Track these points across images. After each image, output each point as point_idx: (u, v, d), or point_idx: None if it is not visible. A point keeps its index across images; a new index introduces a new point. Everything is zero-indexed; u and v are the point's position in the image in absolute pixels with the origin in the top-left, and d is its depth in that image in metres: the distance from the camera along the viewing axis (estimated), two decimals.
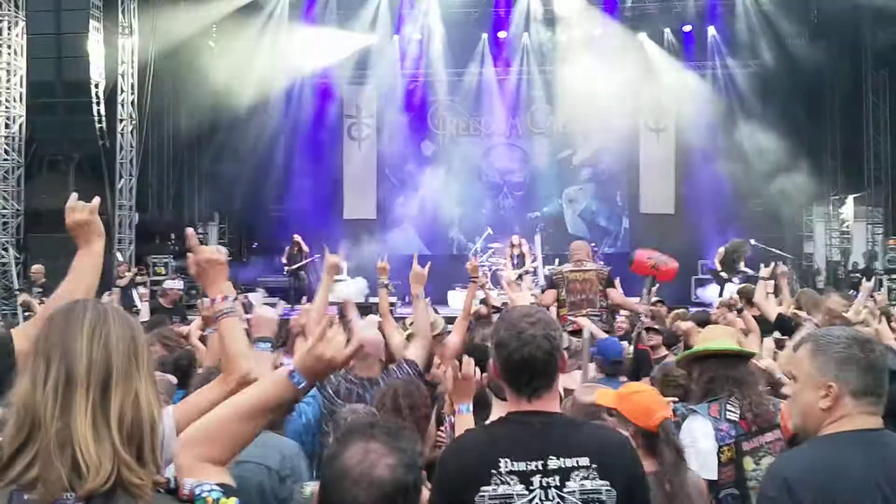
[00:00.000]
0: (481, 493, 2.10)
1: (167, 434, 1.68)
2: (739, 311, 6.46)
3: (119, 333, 1.51)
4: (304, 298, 15.14)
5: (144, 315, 7.52)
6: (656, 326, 6.51)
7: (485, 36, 18.62)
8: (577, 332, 6.37)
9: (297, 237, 15.58)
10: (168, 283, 9.64)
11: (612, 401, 2.88)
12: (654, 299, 9.39)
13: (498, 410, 3.27)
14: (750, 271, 14.59)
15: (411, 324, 6.75)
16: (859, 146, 16.68)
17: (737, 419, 3.05)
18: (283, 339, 5.24)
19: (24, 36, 13.83)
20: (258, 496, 3.06)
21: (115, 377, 1.47)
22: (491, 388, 3.32)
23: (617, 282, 7.33)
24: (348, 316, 5.57)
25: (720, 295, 13.85)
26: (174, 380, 3.81)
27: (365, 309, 8.37)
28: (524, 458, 2.12)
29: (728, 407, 3.09)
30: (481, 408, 3.48)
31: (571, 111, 18.43)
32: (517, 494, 2.10)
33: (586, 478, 2.12)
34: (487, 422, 3.20)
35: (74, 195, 2.59)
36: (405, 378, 3.83)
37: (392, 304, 10.48)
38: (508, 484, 2.10)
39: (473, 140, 19.31)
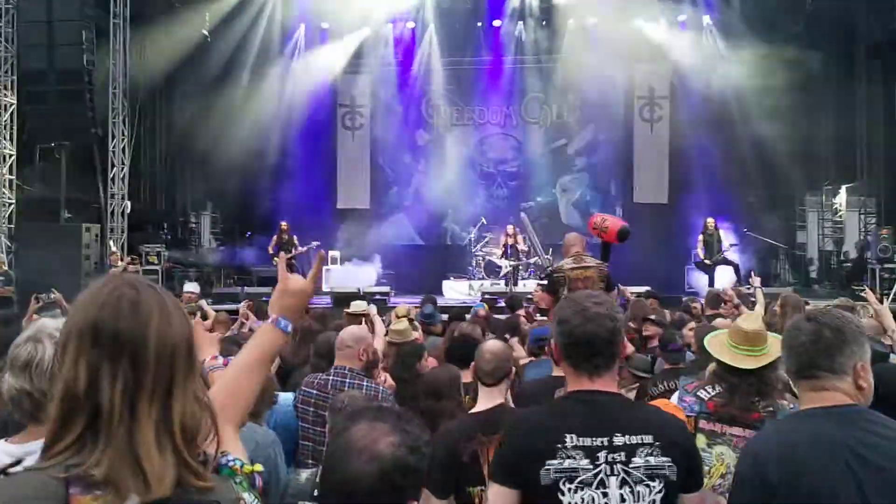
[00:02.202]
0: (546, 467, 2.15)
1: None
2: (736, 307, 6.50)
3: (181, 330, 1.46)
4: None
5: None
6: (653, 317, 6.47)
7: (479, 25, 18.57)
8: None
9: (285, 224, 15.47)
10: (187, 286, 9.56)
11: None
12: (643, 290, 9.42)
13: (483, 397, 3.31)
14: (730, 257, 14.72)
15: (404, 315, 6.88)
16: (852, 136, 16.71)
17: (706, 399, 3.09)
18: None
19: (16, 24, 13.74)
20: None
21: (177, 381, 1.43)
22: (477, 374, 3.36)
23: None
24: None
25: (710, 284, 13.94)
26: None
27: (358, 298, 8.36)
28: (590, 434, 2.19)
29: (706, 388, 3.14)
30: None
31: (565, 100, 18.49)
32: (582, 469, 2.16)
33: (651, 454, 2.19)
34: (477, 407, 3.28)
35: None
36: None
37: (386, 294, 10.54)
38: (574, 458, 2.16)
39: (467, 130, 19.29)
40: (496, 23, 18.58)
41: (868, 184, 17.05)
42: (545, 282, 7.08)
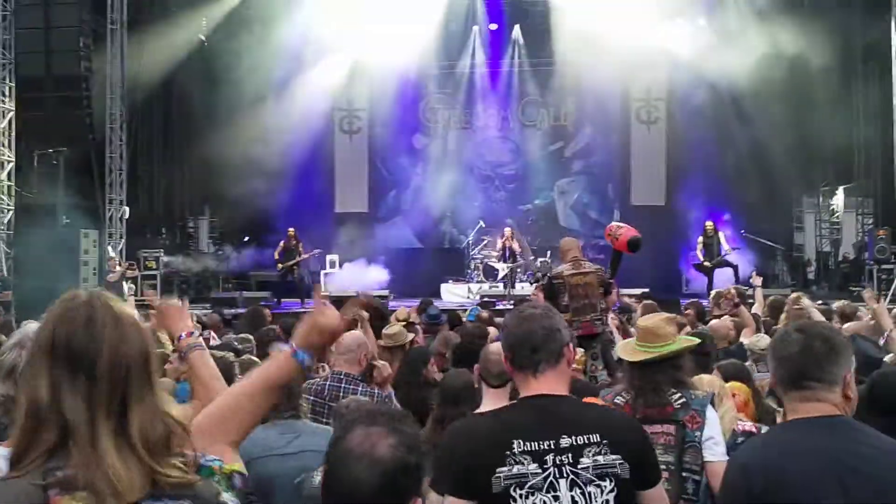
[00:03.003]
0: (497, 475, 2.14)
1: None
2: (735, 306, 6.51)
3: (135, 340, 1.51)
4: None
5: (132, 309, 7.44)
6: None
7: (476, 28, 18.60)
8: (586, 337, 6.37)
9: (292, 231, 15.40)
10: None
11: None
12: (640, 291, 9.43)
13: (488, 399, 3.32)
14: (730, 259, 14.75)
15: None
16: (849, 137, 16.74)
17: (622, 404, 3.12)
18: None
19: (13, 30, 13.75)
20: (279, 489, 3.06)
21: (132, 392, 1.48)
22: (483, 376, 3.37)
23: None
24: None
25: (709, 286, 13.95)
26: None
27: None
28: (536, 438, 2.18)
29: (621, 394, 3.19)
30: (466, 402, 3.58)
31: (563, 103, 18.52)
32: (532, 473, 2.15)
33: (598, 453, 2.18)
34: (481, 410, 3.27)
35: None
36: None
37: (384, 297, 10.57)
38: (523, 464, 2.15)
39: (465, 133, 19.31)
40: (493, 26, 18.61)
41: (865, 185, 17.09)
42: (543, 282, 7.04)
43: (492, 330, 5.83)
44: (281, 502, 3.05)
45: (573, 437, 2.18)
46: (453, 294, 15.64)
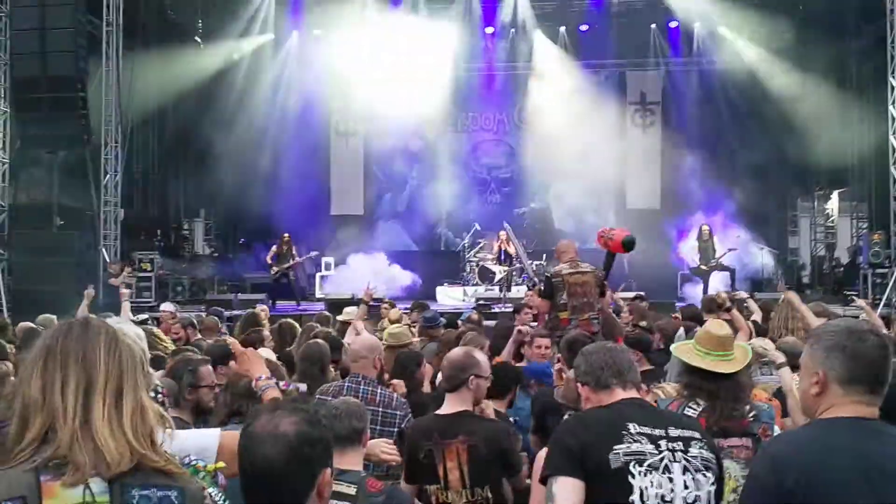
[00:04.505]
0: (615, 451, 2.23)
1: (200, 444, 2.17)
2: (728, 311, 6.52)
3: (129, 351, 1.74)
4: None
5: (126, 313, 7.41)
6: (643, 324, 6.50)
7: (473, 31, 18.57)
8: (593, 335, 6.39)
9: (286, 235, 15.39)
10: (164, 306, 9.49)
11: None
12: (633, 294, 9.46)
13: (447, 402, 3.50)
14: (726, 263, 14.78)
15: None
16: (844, 141, 16.75)
17: (695, 416, 3.05)
18: None
19: (8, 31, 13.72)
20: None
21: (125, 388, 1.69)
22: (445, 379, 3.60)
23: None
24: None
25: (704, 290, 13.97)
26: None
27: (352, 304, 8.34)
28: (649, 425, 2.31)
29: (689, 405, 3.11)
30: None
31: (558, 106, 18.54)
32: (649, 453, 2.25)
33: (702, 448, 2.32)
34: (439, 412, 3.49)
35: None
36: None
37: (379, 300, 10.56)
38: (640, 443, 2.26)
39: (461, 136, 19.30)
40: (489, 30, 18.63)
41: (860, 189, 17.12)
42: (542, 286, 7.12)
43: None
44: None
45: (680, 430, 2.33)
46: (449, 297, 15.62)
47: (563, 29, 18.24)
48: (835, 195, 18.06)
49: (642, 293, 10.39)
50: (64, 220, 14.51)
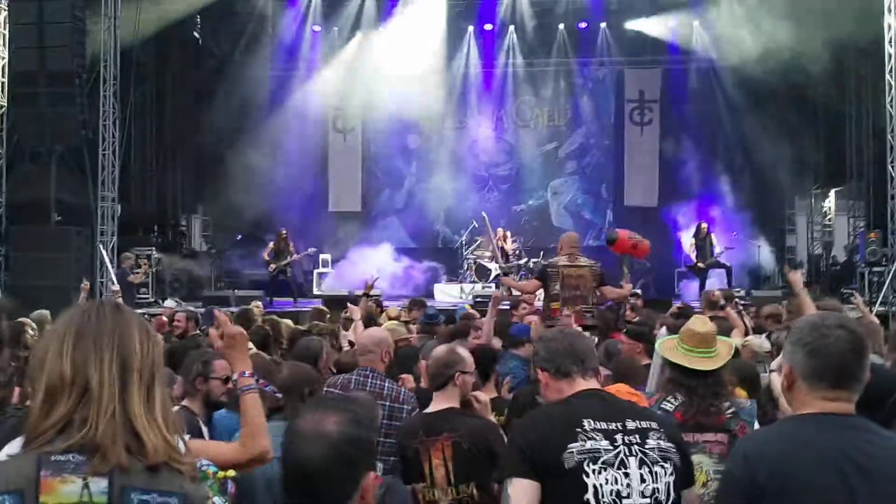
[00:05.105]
0: (569, 450, 2.21)
1: None
2: (722, 308, 6.54)
3: (158, 342, 1.70)
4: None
5: None
6: (637, 320, 6.51)
7: (471, 28, 18.60)
8: (586, 328, 6.43)
9: (284, 231, 15.40)
10: (167, 302, 9.54)
11: None
12: (632, 291, 9.51)
13: (434, 400, 3.51)
14: (723, 261, 14.80)
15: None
16: (841, 139, 16.79)
17: (672, 410, 3.10)
18: None
19: (7, 25, 13.69)
20: (266, 490, 3.04)
21: (157, 377, 1.64)
22: (430, 377, 3.60)
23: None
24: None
25: (701, 287, 13.98)
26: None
27: (350, 301, 8.35)
28: (605, 419, 2.28)
29: (668, 398, 3.15)
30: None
31: (557, 104, 18.58)
32: (604, 449, 2.23)
33: (660, 438, 2.30)
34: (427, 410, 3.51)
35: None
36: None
37: (377, 297, 10.58)
38: (595, 440, 2.24)
39: (459, 133, 19.30)
40: (487, 26, 18.62)
41: (857, 187, 17.13)
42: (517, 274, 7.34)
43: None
44: (263, 501, 3.07)
45: (637, 422, 2.30)
46: (446, 294, 15.63)
47: (561, 26, 18.24)
48: (832, 193, 18.07)
49: (638, 291, 10.43)
50: (61, 216, 14.48)
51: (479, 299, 13.65)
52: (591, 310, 6.91)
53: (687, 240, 15.79)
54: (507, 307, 7.88)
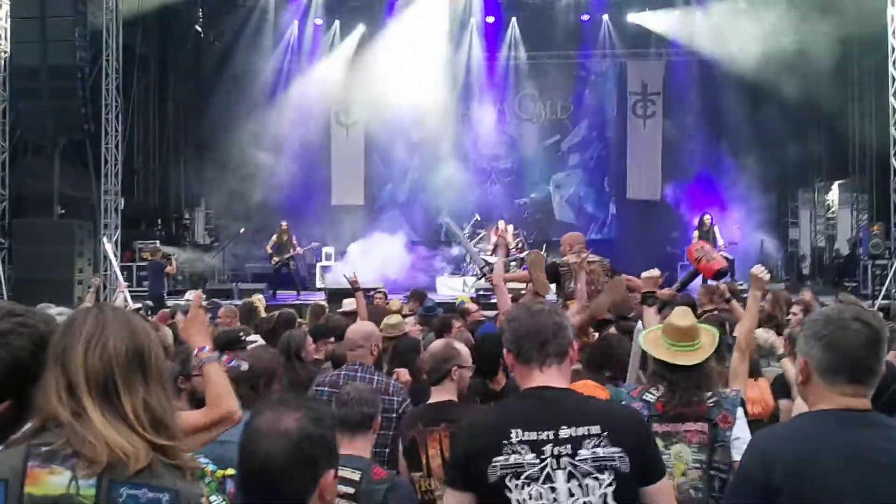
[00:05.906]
0: (493, 464, 2.14)
1: None
2: (727, 301, 6.53)
3: (118, 342, 1.60)
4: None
5: (125, 302, 7.44)
6: (632, 315, 6.49)
7: (473, 21, 18.56)
8: (603, 322, 6.42)
9: (284, 224, 15.42)
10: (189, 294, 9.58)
11: None
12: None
13: (433, 393, 3.52)
14: (724, 253, 14.75)
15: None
16: (845, 132, 16.75)
17: (653, 401, 3.09)
18: None
19: (9, 19, 13.71)
20: None
21: (118, 383, 1.58)
22: (427, 372, 3.59)
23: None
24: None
25: (704, 281, 13.94)
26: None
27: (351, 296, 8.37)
28: (535, 428, 2.17)
29: (649, 390, 3.15)
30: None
31: (559, 97, 18.55)
32: (528, 463, 2.15)
33: (598, 445, 2.16)
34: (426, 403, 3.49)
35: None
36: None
37: (373, 290, 10.60)
38: (520, 453, 2.15)
39: (461, 126, 19.26)
40: (490, 19, 18.58)
41: (860, 180, 17.11)
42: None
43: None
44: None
45: (573, 428, 2.17)
46: (448, 287, 15.64)
47: (564, 18, 18.18)
48: (835, 186, 18.04)
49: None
50: (64, 209, 14.53)
51: (480, 293, 13.66)
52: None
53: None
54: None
